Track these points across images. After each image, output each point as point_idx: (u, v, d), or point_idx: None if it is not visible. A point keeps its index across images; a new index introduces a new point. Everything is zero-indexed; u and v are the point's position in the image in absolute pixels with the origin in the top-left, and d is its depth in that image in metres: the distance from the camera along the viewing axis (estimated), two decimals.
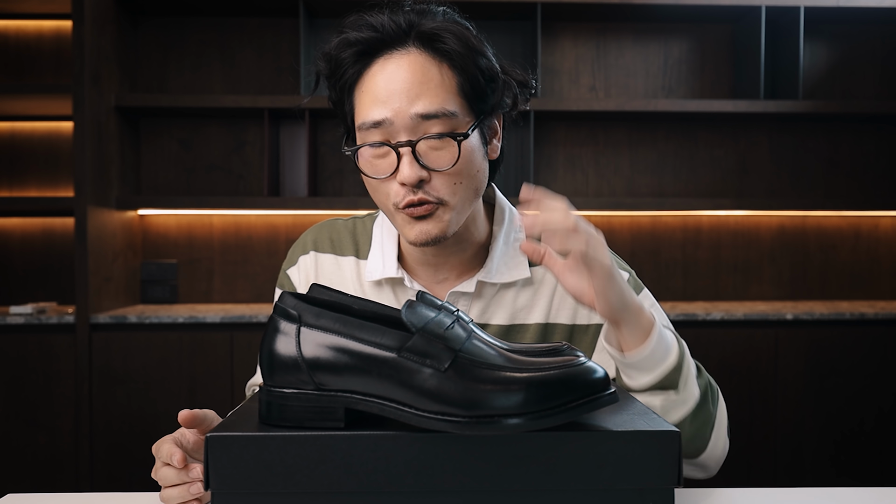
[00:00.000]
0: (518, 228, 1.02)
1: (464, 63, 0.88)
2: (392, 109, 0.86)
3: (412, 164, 0.86)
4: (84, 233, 2.42)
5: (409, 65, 0.87)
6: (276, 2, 2.71)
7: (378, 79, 0.88)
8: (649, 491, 0.59)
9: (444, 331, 0.59)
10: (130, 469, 2.40)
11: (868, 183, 3.00)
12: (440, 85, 0.87)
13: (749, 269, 2.97)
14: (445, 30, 0.89)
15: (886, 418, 2.53)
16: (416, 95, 0.86)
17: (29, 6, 2.66)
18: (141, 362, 2.41)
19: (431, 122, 0.87)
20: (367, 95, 0.89)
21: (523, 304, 0.99)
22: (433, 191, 0.88)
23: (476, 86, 0.90)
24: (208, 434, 0.58)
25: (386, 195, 0.90)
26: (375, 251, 1.02)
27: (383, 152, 0.89)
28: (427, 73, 0.87)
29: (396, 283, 1.00)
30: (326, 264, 1.05)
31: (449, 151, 0.87)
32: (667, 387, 0.83)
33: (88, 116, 2.43)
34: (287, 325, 0.62)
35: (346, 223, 1.08)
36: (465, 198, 0.91)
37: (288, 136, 2.87)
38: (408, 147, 0.86)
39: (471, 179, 0.91)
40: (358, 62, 0.89)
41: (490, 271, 0.98)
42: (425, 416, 0.58)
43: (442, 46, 0.88)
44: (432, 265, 0.99)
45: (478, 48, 0.90)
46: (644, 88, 2.96)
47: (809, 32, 2.92)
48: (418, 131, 0.87)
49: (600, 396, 0.58)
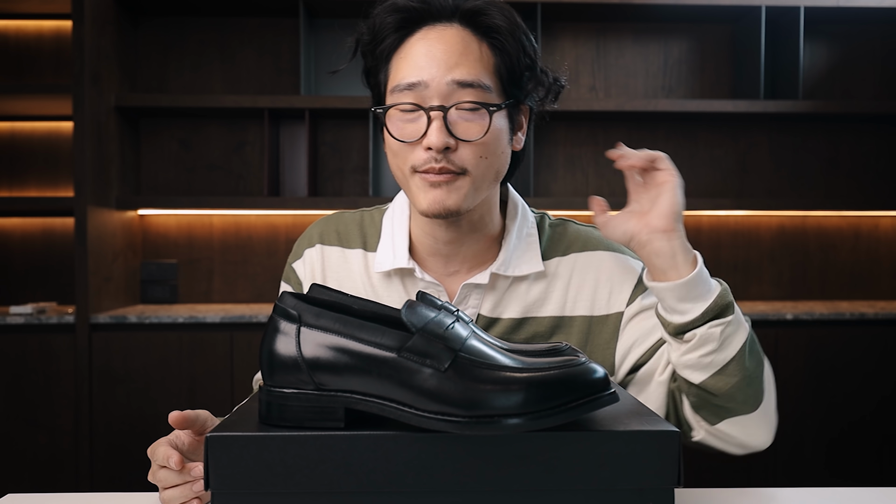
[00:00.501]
0: (531, 224, 1.02)
1: (504, 40, 0.90)
2: (429, 73, 0.87)
3: (441, 129, 0.87)
4: (84, 233, 2.42)
5: (451, 37, 0.89)
6: (276, 2, 2.71)
7: (419, 46, 0.89)
8: (649, 491, 0.59)
9: (444, 331, 0.59)
10: (130, 469, 2.40)
11: (868, 183, 3.00)
12: (479, 59, 0.89)
13: (749, 269, 2.97)
14: (491, 5, 0.91)
15: (886, 418, 2.53)
16: (455, 64, 0.88)
17: (29, 6, 2.66)
18: (141, 362, 2.41)
19: (465, 90, 0.88)
20: (405, 61, 0.90)
21: (536, 297, 0.99)
22: (457, 159, 0.88)
23: (513, 68, 0.91)
24: (208, 434, 0.58)
25: (405, 160, 0.90)
26: (385, 242, 1.01)
27: (414, 116, 0.89)
28: (467, 46, 0.89)
29: (406, 274, 1.00)
30: (333, 257, 1.04)
31: (478, 124, 0.88)
32: (724, 309, 0.84)
33: (88, 116, 2.43)
34: (287, 325, 0.62)
35: (354, 215, 1.07)
36: (485, 174, 0.91)
37: (288, 136, 2.87)
38: (440, 112, 0.87)
39: (495, 157, 0.91)
40: (400, 29, 0.91)
41: (504, 263, 0.97)
42: (425, 416, 0.57)
43: (485, 20, 0.90)
44: (444, 256, 0.99)
45: (521, 26, 0.92)
46: (644, 88, 2.96)
47: (809, 32, 2.92)
48: (451, 98, 0.88)
49: (600, 396, 0.58)
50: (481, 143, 0.88)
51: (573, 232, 1.04)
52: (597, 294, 1.00)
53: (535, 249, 1.00)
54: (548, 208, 2.70)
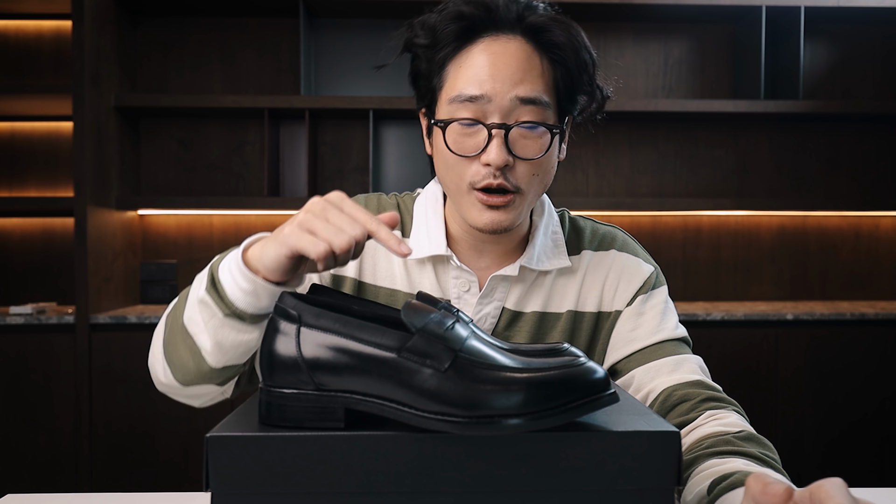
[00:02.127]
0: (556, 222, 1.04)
1: (566, 56, 0.90)
2: (492, 88, 0.87)
3: (502, 146, 0.86)
4: (84, 233, 2.42)
5: (515, 50, 0.88)
6: (276, 2, 2.71)
7: (482, 56, 0.88)
8: (649, 491, 0.59)
9: (444, 331, 0.59)
10: (130, 469, 2.40)
11: (868, 183, 3.00)
12: (540, 76, 0.89)
13: (749, 269, 2.97)
14: (555, 21, 0.91)
15: (886, 418, 2.53)
16: (519, 80, 0.87)
17: (29, 6, 2.66)
18: (141, 362, 2.41)
19: (528, 107, 0.87)
20: (467, 70, 0.88)
21: (558, 291, 1.01)
22: (513, 178, 0.89)
23: (570, 84, 0.91)
24: (208, 434, 0.58)
25: (460, 174, 0.90)
26: (420, 229, 1.01)
27: (473, 130, 0.89)
28: (531, 62, 0.88)
29: (440, 261, 1.00)
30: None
31: (537, 142, 0.88)
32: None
33: (88, 116, 2.43)
34: (287, 326, 0.62)
35: (391, 199, 1.07)
36: (536, 191, 0.92)
37: (288, 136, 2.87)
38: (502, 129, 0.87)
39: (546, 174, 0.92)
40: (461, 37, 0.89)
41: (532, 258, 0.99)
42: (425, 416, 0.57)
43: (548, 38, 0.89)
44: (478, 250, 1.00)
45: (585, 44, 0.92)
46: (644, 88, 2.96)
47: (809, 32, 2.92)
48: (513, 115, 0.87)
49: (600, 397, 0.58)
50: (536, 163, 0.89)
51: (591, 230, 1.06)
52: (604, 291, 1.02)
53: (562, 246, 1.02)
54: None
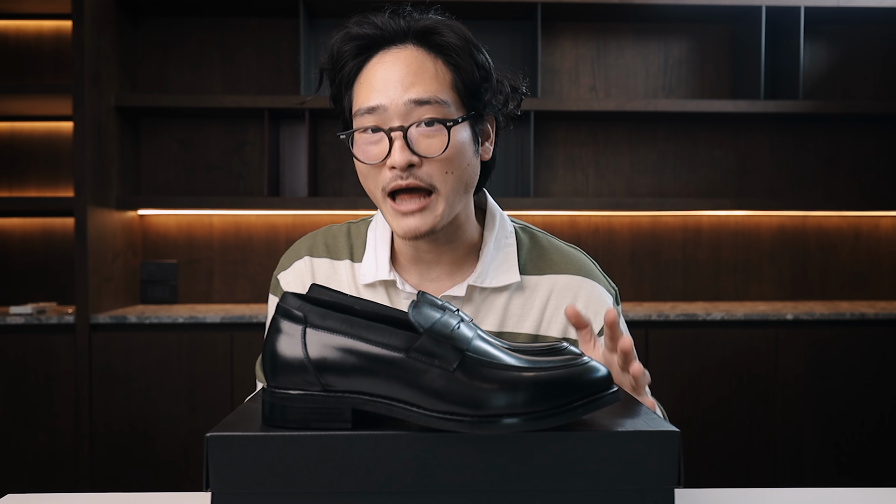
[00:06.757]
0: (509, 233, 1.03)
1: (459, 56, 0.92)
2: (387, 96, 0.90)
3: (403, 148, 0.89)
4: (84, 233, 2.42)
5: (406, 57, 0.92)
6: (276, 2, 2.71)
7: (375, 69, 0.92)
8: (649, 491, 0.59)
9: (451, 331, 0.59)
10: (130, 469, 2.40)
11: (868, 183, 3.00)
12: (434, 77, 0.91)
13: (749, 269, 2.97)
14: (443, 24, 0.93)
15: (887, 418, 2.53)
16: (411, 84, 0.90)
17: (29, 6, 2.66)
18: (141, 362, 2.41)
19: (424, 108, 0.90)
20: (364, 85, 0.93)
21: (514, 312, 1.01)
22: (424, 175, 0.90)
23: (469, 82, 0.93)
24: (208, 434, 0.58)
25: (375, 182, 0.93)
26: (369, 254, 1.03)
27: (376, 138, 0.91)
28: (422, 66, 0.91)
29: (390, 284, 1.02)
30: (322, 269, 1.06)
31: (439, 139, 0.90)
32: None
33: (88, 116, 2.43)
34: (292, 327, 0.62)
35: (341, 228, 1.10)
36: (455, 189, 0.93)
37: (288, 136, 2.87)
38: (399, 132, 0.89)
39: (461, 171, 0.93)
40: (358, 56, 0.94)
41: (481, 275, 0.99)
42: (433, 415, 0.58)
43: (438, 39, 0.92)
44: (426, 263, 1.01)
45: (473, 42, 0.94)
46: (644, 88, 2.96)
47: (809, 32, 2.92)
48: (410, 117, 0.90)
49: (604, 395, 0.58)
50: (444, 159, 0.90)
51: (555, 250, 1.05)
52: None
53: (513, 260, 1.01)
54: (548, 208, 2.70)
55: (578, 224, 2.94)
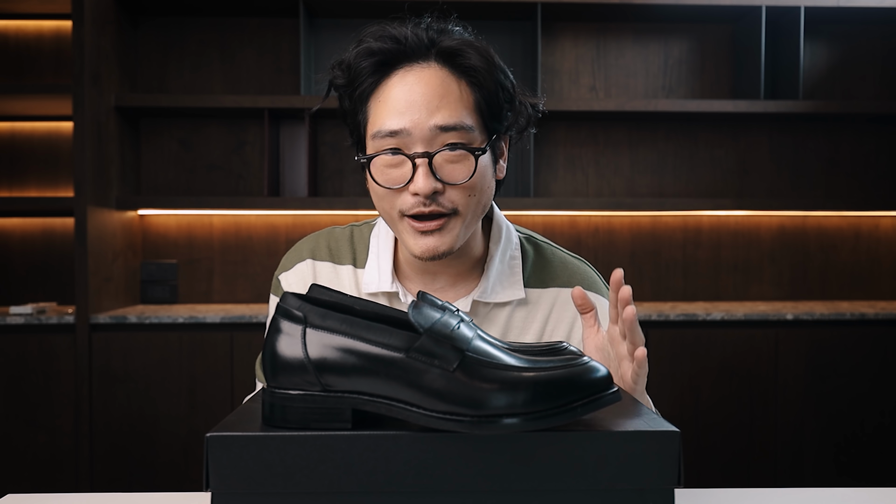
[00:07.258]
0: (514, 247, 1.02)
1: (483, 79, 0.89)
2: (411, 120, 0.87)
3: (428, 175, 0.87)
4: (84, 233, 2.42)
5: (430, 78, 0.88)
6: (276, 2, 2.71)
7: (397, 89, 0.88)
8: (649, 491, 0.59)
9: (451, 331, 0.59)
10: (130, 469, 2.40)
11: (868, 183, 3.00)
12: (459, 100, 0.88)
13: (749, 269, 2.97)
14: (468, 45, 0.90)
15: (887, 418, 2.53)
16: (436, 108, 0.87)
17: (29, 6, 2.66)
18: (141, 362, 2.41)
19: (449, 134, 0.87)
20: (384, 105, 0.89)
21: (517, 325, 1.00)
22: (447, 201, 0.88)
23: (493, 104, 0.91)
24: (208, 434, 0.58)
25: (392, 204, 0.90)
26: (372, 262, 1.02)
27: (398, 161, 0.88)
28: (447, 88, 0.88)
29: (392, 295, 1.01)
30: (324, 272, 1.05)
31: (465, 165, 0.88)
32: None
33: (88, 116, 2.43)
34: (292, 327, 0.62)
35: (344, 231, 1.08)
36: (474, 212, 0.92)
37: (288, 136, 2.87)
38: (424, 158, 0.87)
39: (482, 195, 0.91)
40: (377, 72, 0.90)
41: (485, 290, 0.98)
42: (434, 415, 0.58)
43: (463, 62, 0.89)
44: (430, 273, 1.00)
45: (499, 65, 0.91)
46: (644, 88, 2.96)
47: (809, 32, 2.92)
48: (435, 143, 0.87)
49: (604, 395, 0.58)
50: (468, 186, 0.89)
51: (560, 262, 1.04)
52: (573, 331, 1.01)
53: (518, 275, 1.00)
54: (548, 208, 2.70)
55: (578, 224, 2.94)
